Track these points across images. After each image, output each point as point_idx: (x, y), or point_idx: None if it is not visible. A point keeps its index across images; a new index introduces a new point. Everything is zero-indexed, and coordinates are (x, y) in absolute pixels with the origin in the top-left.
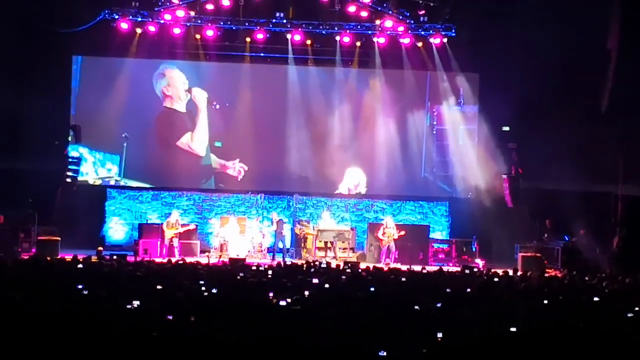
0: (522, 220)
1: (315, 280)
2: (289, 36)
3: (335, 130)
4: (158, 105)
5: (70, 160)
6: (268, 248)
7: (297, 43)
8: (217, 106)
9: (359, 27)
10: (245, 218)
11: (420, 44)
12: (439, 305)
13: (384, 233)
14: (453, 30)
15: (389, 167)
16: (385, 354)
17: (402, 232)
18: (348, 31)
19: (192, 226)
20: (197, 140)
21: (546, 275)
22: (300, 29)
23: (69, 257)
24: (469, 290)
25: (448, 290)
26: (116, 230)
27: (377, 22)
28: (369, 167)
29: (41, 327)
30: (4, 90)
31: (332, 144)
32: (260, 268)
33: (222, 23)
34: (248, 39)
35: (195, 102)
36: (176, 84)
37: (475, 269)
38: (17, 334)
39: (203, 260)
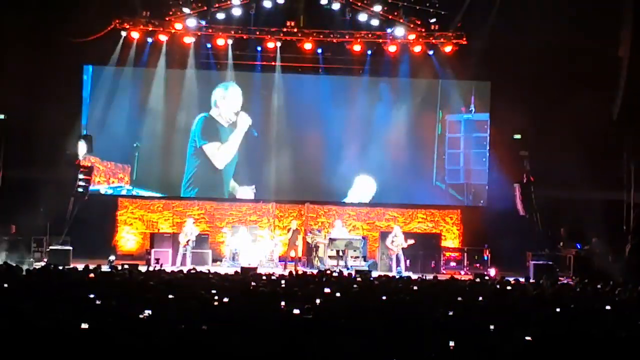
0: (534, 229)
1: (326, 290)
2: (300, 45)
3: (347, 138)
4: (170, 114)
5: (81, 169)
6: (280, 257)
7: (308, 51)
8: (256, 134)
9: (370, 35)
10: (257, 227)
11: (431, 52)
12: (451, 313)
13: (392, 242)
14: (464, 38)
15: (401, 176)
16: None
17: (412, 241)
18: (359, 39)
19: (201, 232)
20: (222, 153)
21: (558, 283)
22: (311, 38)
23: (80, 267)
24: (481, 298)
25: (460, 298)
26: (128, 239)
27: (388, 30)
28: (380, 175)
29: (53, 336)
30: (15, 100)
31: (343, 152)
32: (272, 277)
33: (233, 32)
34: (259, 48)
35: (237, 124)
36: (231, 102)
37: (487, 278)
38: (29, 343)
39: (215, 269)
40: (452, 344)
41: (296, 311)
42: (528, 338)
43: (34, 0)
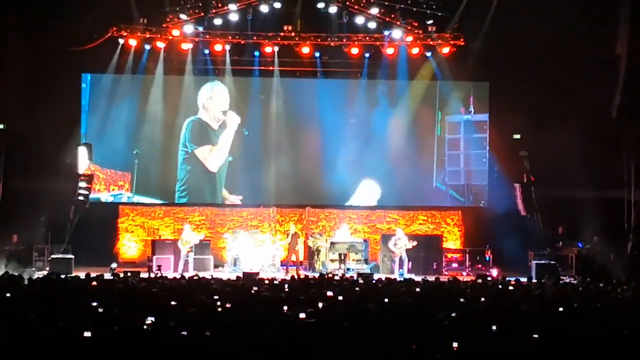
0: (536, 228)
1: (329, 293)
2: (297, 49)
3: (346, 141)
4: (169, 120)
5: (82, 178)
6: (281, 261)
7: (306, 55)
8: (247, 133)
9: (367, 38)
10: (258, 232)
11: (429, 54)
12: (453, 315)
13: (395, 244)
14: (462, 40)
15: (401, 178)
16: None
17: (415, 243)
18: (357, 42)
19: (202, 235)
20: (214, 156)
21: (560, 282)
22: (308, 42)
23: (82, 275)
24: (483, 299)
25: (462, 299)
26: (129, 247)
27: (386, 33)
28: (380, 178)
29: (56, 345)
30: (14, 109)
31: (343, 155)
32: (274, 282)
33: (230, 37)
34: (257, 53)
35: (227, 123)
36: (218, 102)
37: (489, 278)
38: (32, 352)
39: (216, 274)
40: (455, 345)
41: (298, 315)
42: (535, 336)
43: (33, 9)
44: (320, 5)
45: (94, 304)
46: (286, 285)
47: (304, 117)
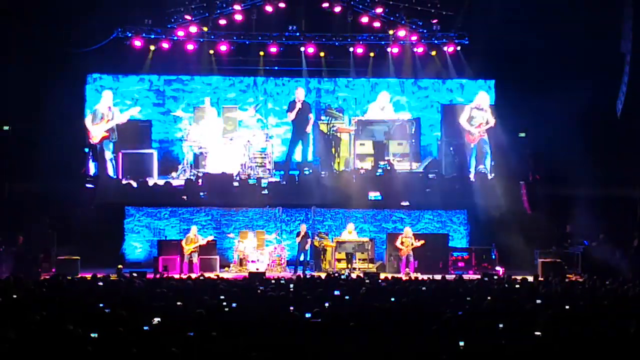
0: (541, 226)
1: (336, 292)
2: (302, 49)
3: (351, 141)
4: (171, 122)
5: (87, 179)
6: (288, 261)
7: (311, 55)
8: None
9: (372, 37)
10: (264, 232)
11: (434, 53)
12: (460, 313)
13: (402, 242)
14: (466, 38)
15: (407, 177)
16: None
17: (422, 242)
18: (361, 42)
19: (210, 238)
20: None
21: (567, 280)
22: (313, 42)
23: (89, 276)
24: (489, 298)
25: (468, 298)
26: (135, 247)
27: (390, 32)
28: (386, 177)
29: (63, 346)
30: (19, 110)
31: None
32: (281, 281)
33: (235, 38)
34: (262, 53)
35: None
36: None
37: (496, 277)
38: (39, 354)
39: (223, 275)
40: (462, 343)
41: (305, 315)
42: (537, 333)
43: (37, 11)
44: (325, 5)
45: (100, 305)
46: (292, 285)
47: (309, 116)
